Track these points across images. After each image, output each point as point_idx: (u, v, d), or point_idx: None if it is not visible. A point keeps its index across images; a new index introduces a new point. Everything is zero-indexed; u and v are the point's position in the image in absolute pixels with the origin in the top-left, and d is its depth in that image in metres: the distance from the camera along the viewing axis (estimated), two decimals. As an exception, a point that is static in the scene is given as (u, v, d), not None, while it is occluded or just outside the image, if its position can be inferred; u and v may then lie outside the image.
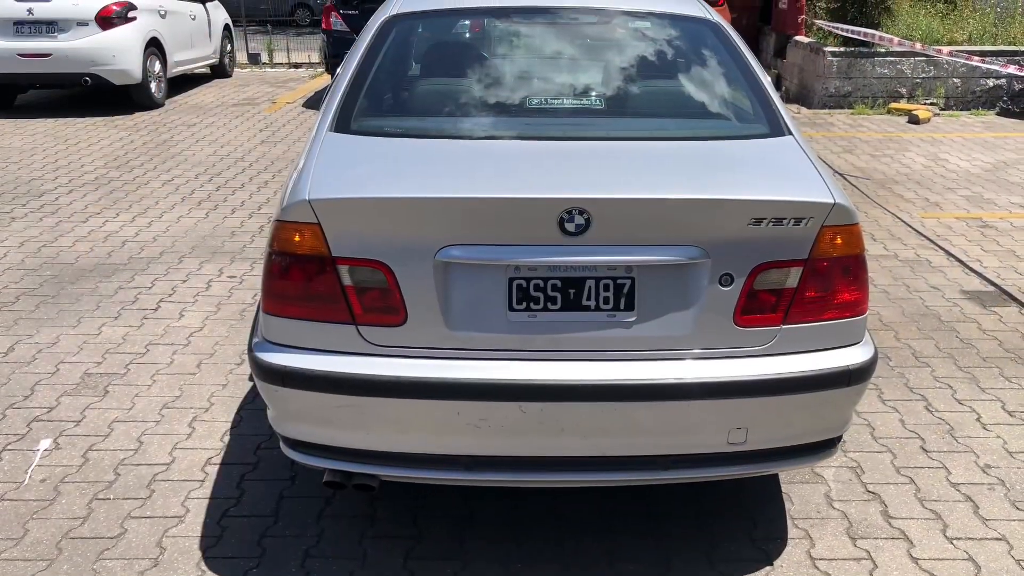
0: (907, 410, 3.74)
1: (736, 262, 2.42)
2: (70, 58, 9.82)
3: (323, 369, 2.42)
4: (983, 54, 9.97)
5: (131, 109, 10.34)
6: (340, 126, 2.81)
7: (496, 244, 2.39)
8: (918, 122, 9.74)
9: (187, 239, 5.86)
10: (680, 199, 2.42)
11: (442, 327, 2.42)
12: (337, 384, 2.42)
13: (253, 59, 15.07)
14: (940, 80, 10.52)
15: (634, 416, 2.44)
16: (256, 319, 2.64)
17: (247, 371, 3.99)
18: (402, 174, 2.57)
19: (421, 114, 3.11)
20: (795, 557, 2.82)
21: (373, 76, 3.05)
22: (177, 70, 11.37)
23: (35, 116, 10.01)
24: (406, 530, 2.93)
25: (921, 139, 9.00)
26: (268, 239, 2.50)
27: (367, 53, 3.13)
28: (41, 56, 9.78)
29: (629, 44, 3.37)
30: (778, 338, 2.48)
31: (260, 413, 3.57)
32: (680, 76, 3.23)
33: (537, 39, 3.45)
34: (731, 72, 3.15)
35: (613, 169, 2.62)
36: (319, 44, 13.17)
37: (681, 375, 2.42)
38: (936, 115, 10.13)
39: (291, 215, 2.41)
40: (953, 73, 10.47)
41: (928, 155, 8.30)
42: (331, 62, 10.49)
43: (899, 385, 3.95)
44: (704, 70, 3.22)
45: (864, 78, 10.55)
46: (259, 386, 2.57)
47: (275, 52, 15.35)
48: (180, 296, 4.90)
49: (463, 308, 2.42)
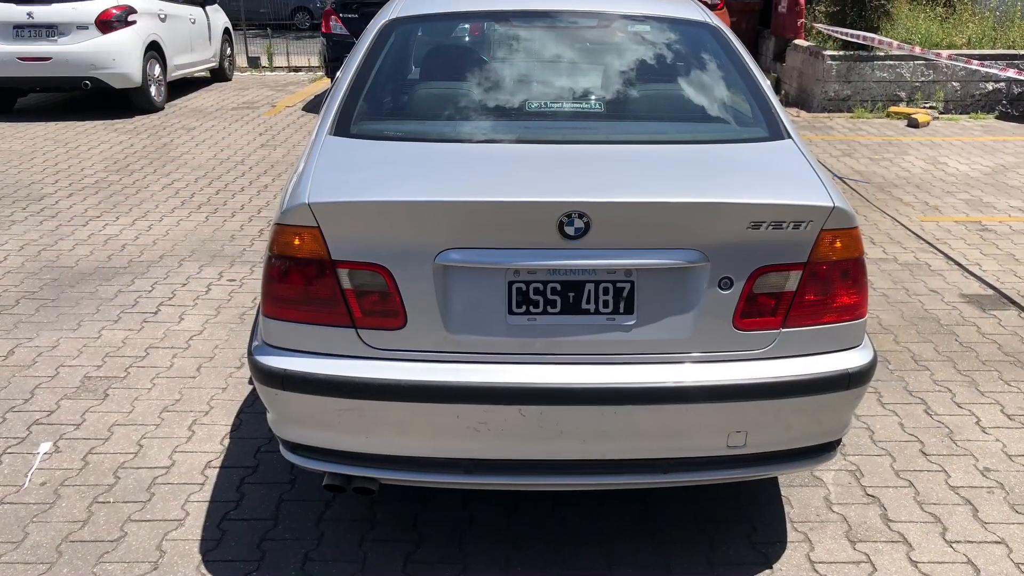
0: (906, 413, 3.74)
1: (735, 266, 2.42)
2: (70, 62, 9.83)
3: (323, 373, 2.42)
4: (982, 58, 9.99)
5: (131, 113, 10.35)
6: (340, 130, 2.82)
7: (496, 248, 2.39)
8: (917, 126, 9.75)
9: (187, 243, 5.86)
10: (679, 203, 2.42)
11: (442, 330, 2.42)
12: (337, 388, 2.42)
13: (253, 63, 15.09)
14: (939, 84, 10.53)
15: (634, 419, 2.44)
16: (256, 323, 2.64)
17: (247, 374, 3.99)
18: (402, 178, 2.57)
19: (421, 118, 3.11)
20: (794, 560, 2.82)
21: (373, 80, 3.05)
22: (177, 74, 11.38)
23: (35, 120, 10.02)
24: (406, 534, 2.94)
25: (920, 143, 9.01)
26: (268, 243, 2.51)
27: (367, 57, 3.13)
28: (41, 60, 9.80)
29: (628, 48, 3.38)
30: (777, 341, 2.48)
31: (260, 416, 3.58)
32: (679, 80, 3.24)
33: (537, 43, 3.46)
34: (730, 76, 3.16)
35: (613, 173, 2.62)
36: (319, 48, 13.15)
37: (680, 378, 2.43)
38: (935, 119, 10.14)
39: (291, 219, 2.41)
40: (952, 77, 10.48)
41: (927, 159, 8.31)
42: (331, 66, 10.49)
43: (898, 388, 3.95)
44: (703, 74, 3.23)
45: (863, 82, 10.56)
46: (259, 390, 2.57)
47: (275, 56, 15.37)
48: (180, 300, 4.90)
49: (463, 312, 2.42)
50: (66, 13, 9.84)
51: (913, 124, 9.81)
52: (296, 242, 2.41)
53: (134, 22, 10.19)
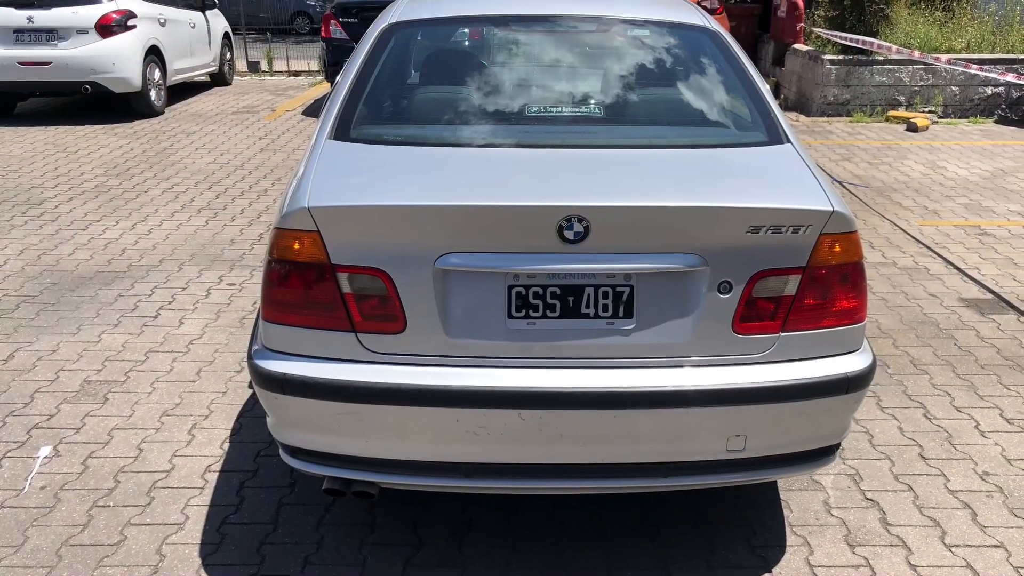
0: (905, 417, 3.74)
1: (735, 270, 2.42)
2: (70, 66, 9.84)
3: (322, 377, 2.43)
4: (981, 62, 10.01)
5: (131, 117, 10.36)
6: (339, 134, 2.82)
7: (495, 252, 2.39)
8: (916, 130, 9.76)
9: (187, 247, 5.86)
10: (679, 207, 2.42)
11: (441, 335, 2.43)
12: (336, 391, 2.42)
13: (253, 67, 15.10)
14: (938, 88, 10.54)
15: (633, 423, 2.44)
16: (256, 327, 2.65)
17: (247, 378, 3.99)
18: (401, 182, 2.58)
19: (420, 122, 3.12)
20: (794, 564, 2.82)
21: (372, 84, 3.06)
22: (177, 78, 11.40)
23: (35, 124, 10.03)
24: (405, 537, 2.94)
25: (919, 147, 9.02)
26: (267, 247, 2.51)
27: (366, 61, 3.14)
28: (41, 64, 9.81)
29: (628, 52, 3.38)
30: (777, 346, 2.48)
31: (260, 420, 3.58)
32: (679, 84, 3.24)
33: (536, 47, 3.46)
34: (730, 80, 3.16)
35: (612, 177, 2.62)
36: (318, 52, 13.18)
37: (680, 382, 2.43)
38: (934, 123, 10.15)
39: (290, 223, 2.42)
40: (951, 81, 10.50)
41: (926, 163, 8.32)
42: (330, 70, 10.51)
43: (897, 392, 3.95)
44: (703, 78, 3.23)
45: (862, 86, 10.58)
46: (258, 393, 2.58)
47: (275, 60, 15.38)
48: (180, 304, 4.90)
49: (462, 316, 2.42)
50: (66, 17, 9.86)
51: (912, 128, 9.82)
52: (296, 246, 2.42)
53: (134, 27, 10.21)
